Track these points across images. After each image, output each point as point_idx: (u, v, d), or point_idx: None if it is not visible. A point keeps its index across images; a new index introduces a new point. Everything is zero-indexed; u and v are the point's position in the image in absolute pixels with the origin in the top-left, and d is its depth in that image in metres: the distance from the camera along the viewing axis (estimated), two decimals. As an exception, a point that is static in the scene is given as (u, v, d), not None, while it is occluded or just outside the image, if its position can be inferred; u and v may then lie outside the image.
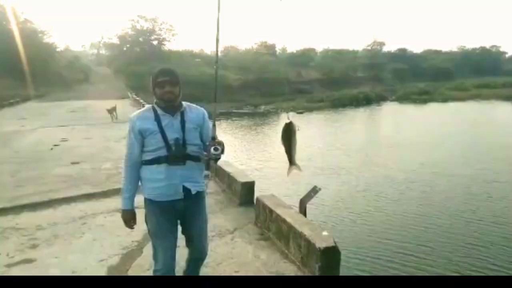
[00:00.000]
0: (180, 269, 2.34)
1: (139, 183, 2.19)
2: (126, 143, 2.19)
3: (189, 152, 2.13)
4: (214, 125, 2.23)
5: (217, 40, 2.32)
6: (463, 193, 7.91)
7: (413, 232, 6.05)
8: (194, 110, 2.24)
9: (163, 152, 2.08)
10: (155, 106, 2.14)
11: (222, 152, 2.11)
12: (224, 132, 17.26)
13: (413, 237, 5.86)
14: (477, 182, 8.65)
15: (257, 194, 4.19)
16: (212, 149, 2.07)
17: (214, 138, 2.15)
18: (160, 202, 2.13)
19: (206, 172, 2.33)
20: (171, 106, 2.13)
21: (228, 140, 14.84)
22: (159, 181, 2.10)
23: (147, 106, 2.23)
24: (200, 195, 2.25)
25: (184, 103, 2.21)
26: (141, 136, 2.09)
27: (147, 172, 2.13)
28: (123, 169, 2.18)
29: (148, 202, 2.16)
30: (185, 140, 2.11)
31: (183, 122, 2.14)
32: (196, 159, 2.17)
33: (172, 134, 2.09)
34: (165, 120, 2.11)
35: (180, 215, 2.20)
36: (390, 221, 6.49)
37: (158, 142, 2.08)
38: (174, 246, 2.19)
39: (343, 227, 6.27)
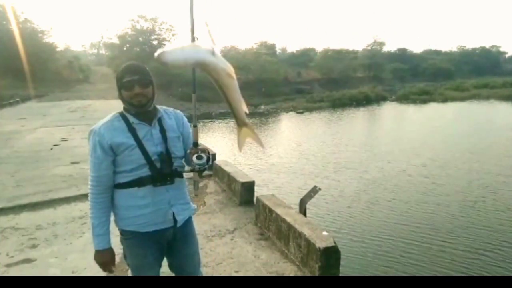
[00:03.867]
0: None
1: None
2: (90, 164, 1.72)
3: (176, 168, 1.77)
4: (195, 126, 1.81)
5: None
6: (466, 193, 7.88)
7: (414, 231, 6.04)
8: (172, 115, 1.84)
9: (145, 172, 1.69)
10: (125, 114, 1.73)
11: (208, 161, 1.69)
12: (224, 132, 17.28)
13: (414, 237, 5.86)
14: (481, 182, 8.62)
15: (257, 194, 4.19)
16: (194, 158, 1.67)
17: (196, 144, 1.77)
18: (145, 233, 1.74)
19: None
20: (145, 112, 1.72)
21: (228, 140, 14.85)
22: (142, 207, 1.70)
23: (113, 113, 1.76)
24: (190, 217, 1.91)
25: (159, 107, 1.80)
26: (112, 153, 1.67)
27: (124, 197, 1.72)
28: (90, 199, 1.74)
29: (128, 235, 1.77)
30: (170, 154, 1.74)
31: (163, 132, 1.75)
32: (181, 175, 1.80)
33: (154, 148, 1.70)
34: (142, 130, 1.70)
35: (167, 243, 1.83)
36: (391, 220, 6.49)
37: (137, 160, 1.67)
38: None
39: (343, 227, 6.26)
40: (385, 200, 7.50)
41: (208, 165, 1.72)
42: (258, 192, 4.39)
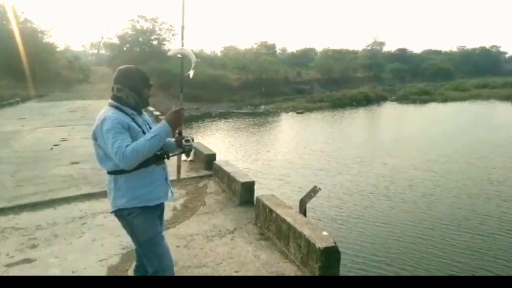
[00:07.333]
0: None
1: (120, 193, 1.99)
2: (113, 138, 1.85)
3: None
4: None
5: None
6: (466, 193, 7.89)
7: (414, 232, 6.04)
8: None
9: None
10: (121, 107, 2.02)
11: (192, 141, 2.27)
12: (224, 132, 17.27)
13: (414, 237, 5.86)
14: (481, 182, 8.62)
15: (257, 194, 4.18)
16: (184, 142, 2.20)
17: (180, 133, 2.23)
18: (153, 207, 2.05)
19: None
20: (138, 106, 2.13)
21: (228, 140, 14.84)
22: (149, 184, 2.02)
23: (106, 108, 2.03)
24: None
25: None
26: (129, 132, 1.93)
27: (132, 178, 1.97)
28: (141, 147, 1.84)
29: (138, 210, 2.00)
30: None
31: (147, 122, 2.16)
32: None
33: None
34: (139, 119, 2.07)
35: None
36: (391, 221, 6.49)
37: None
38: None
39: (343, 227, 6.26)
40: (386, 200, 7.50)
41: (193, 147, 2.33)
42: (258, 192, 4.38)
